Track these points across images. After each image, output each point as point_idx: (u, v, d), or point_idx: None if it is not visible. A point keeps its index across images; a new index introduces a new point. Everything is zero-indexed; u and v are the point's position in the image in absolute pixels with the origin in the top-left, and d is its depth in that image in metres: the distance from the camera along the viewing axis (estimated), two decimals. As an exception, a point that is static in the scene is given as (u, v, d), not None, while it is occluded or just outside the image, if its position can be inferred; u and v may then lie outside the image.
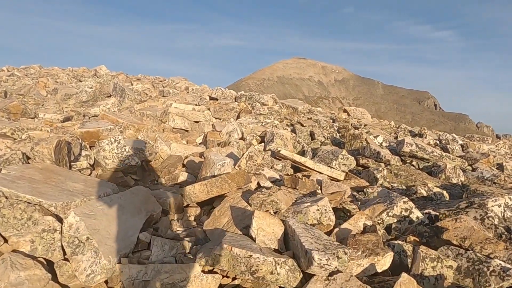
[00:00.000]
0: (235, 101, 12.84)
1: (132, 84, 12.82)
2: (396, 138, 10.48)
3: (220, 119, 10.85)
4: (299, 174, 5.44)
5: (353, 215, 3.88)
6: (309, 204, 3.58)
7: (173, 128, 9.09)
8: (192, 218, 3.98)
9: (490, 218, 3.68)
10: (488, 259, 2.72)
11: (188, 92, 14.94)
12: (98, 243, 2.67)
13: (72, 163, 4.29)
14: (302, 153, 7.08)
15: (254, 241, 2.89)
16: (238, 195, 3.96)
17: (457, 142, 11.21)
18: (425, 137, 11.45)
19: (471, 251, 2.83)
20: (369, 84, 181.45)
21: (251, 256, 2.54)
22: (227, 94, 13.01)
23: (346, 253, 2.55)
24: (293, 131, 9.13)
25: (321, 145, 8.00)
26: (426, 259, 2.58)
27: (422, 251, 2.60)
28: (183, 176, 5.65)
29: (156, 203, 3.68)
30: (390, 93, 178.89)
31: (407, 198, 3.83)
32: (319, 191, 4.60)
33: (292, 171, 6.34)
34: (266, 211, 3.56)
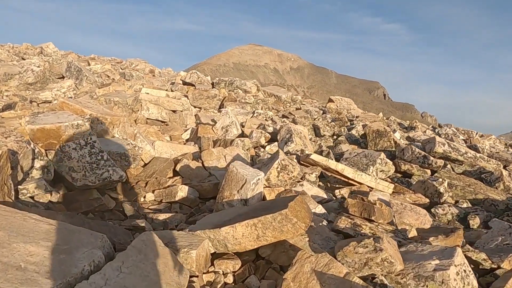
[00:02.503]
0: (213, 87, 11.14)
1: (89, 64, 10.71)
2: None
3: (201, 108, 9.16)
4: (345, 190, 4.03)
5: (486, 269, 2.54)
6: (437, 262, 2.18)
7: (147, 119, 7.33)
8: (230, 280, 2.44)
9: None
10: None
11: (154, 76, 12.98)
12: None
13: (20, 187, 2.56)
14: (320, 153, 5.67)
15: None
16: (305, 241, 2.46)
17: (459, 137, 10.36)
18: (423, 131, 10.50)
19: None
20: (323, 73, 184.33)
21: None
22: (203, 79, 11.25)
23: None
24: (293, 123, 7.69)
25: (334, 142, 6.63)
26: None
27: None
28: (182, 192, 4.04)
29: (179, 266, 2.09)
30: (343, 83, 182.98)
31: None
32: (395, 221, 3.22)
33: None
34: (373, 277, 2.11)
